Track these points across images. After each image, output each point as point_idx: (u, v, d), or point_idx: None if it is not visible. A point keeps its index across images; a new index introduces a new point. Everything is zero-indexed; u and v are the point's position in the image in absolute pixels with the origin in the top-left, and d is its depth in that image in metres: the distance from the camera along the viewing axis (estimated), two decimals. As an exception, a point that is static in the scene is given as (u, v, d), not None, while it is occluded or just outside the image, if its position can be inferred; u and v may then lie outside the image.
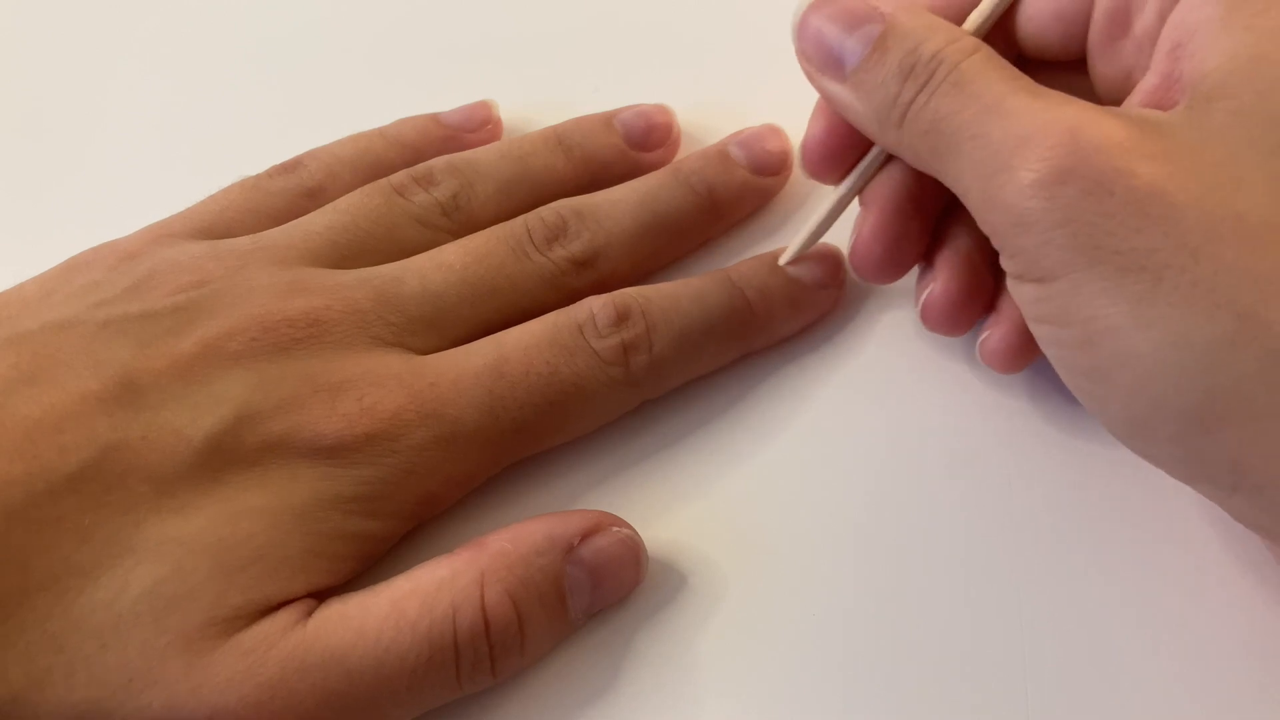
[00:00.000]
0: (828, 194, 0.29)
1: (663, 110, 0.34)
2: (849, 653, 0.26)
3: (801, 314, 0.30)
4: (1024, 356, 0.27)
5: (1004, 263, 0.24)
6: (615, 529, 0.26)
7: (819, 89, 0.27)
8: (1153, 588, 0.26)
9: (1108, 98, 0.26)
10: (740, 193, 0.32)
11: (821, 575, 0.27)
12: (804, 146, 0.29)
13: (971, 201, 0.24)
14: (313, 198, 0.31)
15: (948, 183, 0.24)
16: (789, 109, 0.33)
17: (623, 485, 0.29)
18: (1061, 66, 0.27)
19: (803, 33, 0.26)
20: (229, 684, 0.23)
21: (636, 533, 0.27)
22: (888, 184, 0.28)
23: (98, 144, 0.38)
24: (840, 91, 0.26)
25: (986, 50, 0.24)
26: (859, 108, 0.26)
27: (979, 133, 0.23)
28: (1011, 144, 0.22)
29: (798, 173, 0.33)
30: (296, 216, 0.30)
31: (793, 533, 0.27)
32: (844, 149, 0.28)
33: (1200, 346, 0.20)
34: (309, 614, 0.24)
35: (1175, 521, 0.26)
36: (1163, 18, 0.24)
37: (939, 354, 0.30)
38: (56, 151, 0.38)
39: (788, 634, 0.26)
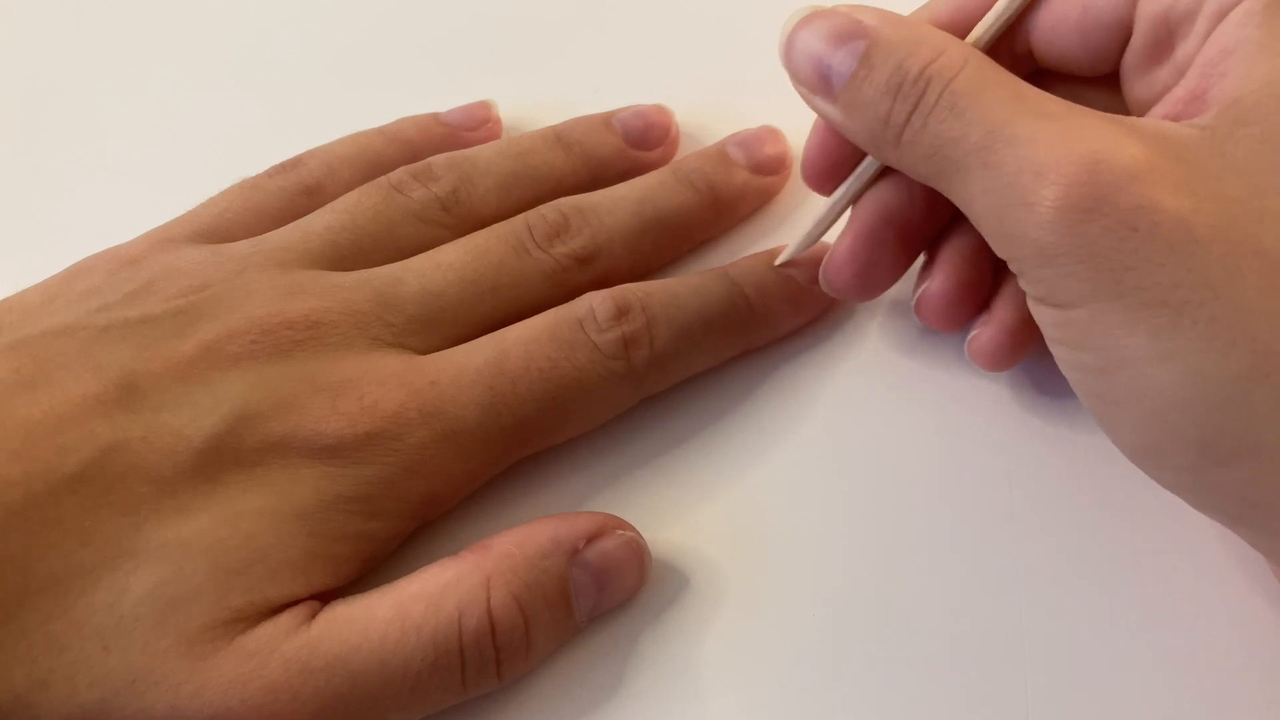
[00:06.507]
0: (823, 199, 0.29)
1: (661, 110, 0.34)
2: (851, 653, 0.26)
3: (799, 311, 0.30)
4: (1011, 357, 0.27)
5: (1023, 285, 0.23)
6: (619, 532, 0.26)
7: (813, 108, 0.26)
8: (1153, 585, 0.26)
9: (1139, 114, 0.25)
10: (740, 191, 0.32)
11: (823, 575, 0.27)
12: (802, 163, 0.28)
13: (985, 229, 0.23)
14: (312, 195, 0.31)
15: (955, 202, 0.24)
16: (788, 110, 0.33)
17: (625, 488, 0.29)
18: (1085, 80, 0.26)
19: (790, 52, 0.26)
20: (232, 685, 0.23)
21: (640, 535, 0.27)
22: (870, 207, 0.28)
23: (98, 150, 0.38)
24: (832, 111, 0.25)
25: (977, 61, 0.23)
26: (851, 126, 0.25)
27: (989, 161, 0.22)
28: (1027, 176, 0.21)
29: (796, 174, 0.33)
30: (296, 215, 0.30)
31: (794, 533, 0.27)
32: (838, 165, 0.28)
33: (1216, 382, 0.20)
34: (312, 616, 0.24)
35: (1175, 519, 0.26)
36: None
37: (938, 351, 0.30)
38: (57, 157, 0.38)
39: (790, 634, 0.26)
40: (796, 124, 0.33)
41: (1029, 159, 0.22)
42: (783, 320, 0.30)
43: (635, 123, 0.33)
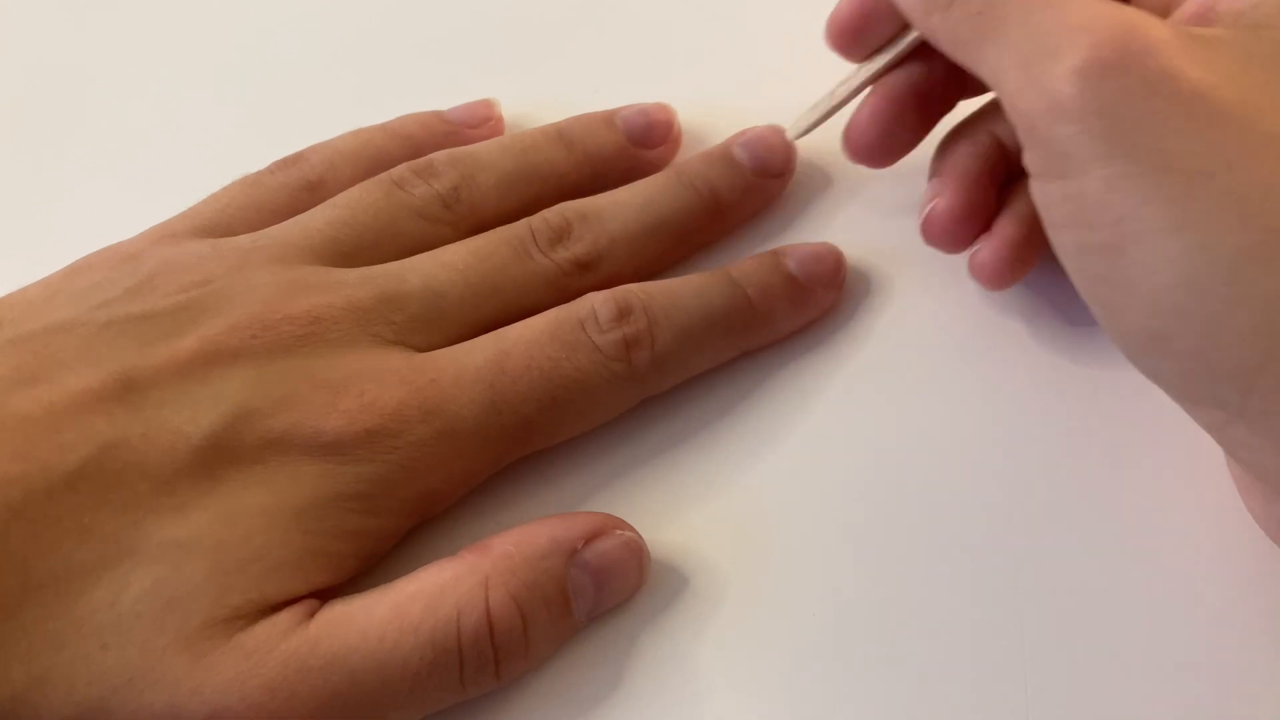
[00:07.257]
0: (844, 73, 0.30)
1: (663, 108, 0.34)
2: (850, 653, 0.26)
3: (801, 312, 0.30)
4: (1011, 273, 0.28)
5: (1028, 159, 0.23)
6: (618, 532, 0.26)
7: None
8: (1154, 585, 0.26)
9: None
10: (743, 194, 0.32)
11: (822, 576, 0.27)
12: (832, 18, 0.29)
13: (1007, 86, 0.23)
14: (313, 191, 0.31)
15: (982, 72, 0.24)
16: (789, 110, 0.33)
17: (625, 488, 0.29)
18: None
19: None
20: (231, 684, 0.23)
21: (639, 535, 0.27)
22: (895, 75, 0.29)
23: (98, 150, 0.38)
24: None
25: None
26: None
27: (1030, 20, 0.23)
28: (1064, 31, 0.22)
29: (799, 175, 0.33)
30: (297, 211, 0.30)
31: (793, 534, 0.27)
32: (872, 26, 0.29)
33: (1228, 255, 0.20)
34: (311, 614, 0.24)
35: (1176, 518, 0.26)
36: None
37: (939, 351, 0.30)
38: (57, 157, 0.38)
39: (788, 634, 0.26)
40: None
41: (1068, 18, 0.22)
42: (784, 321, 0.30)
43: (637, 120, 0.33)
